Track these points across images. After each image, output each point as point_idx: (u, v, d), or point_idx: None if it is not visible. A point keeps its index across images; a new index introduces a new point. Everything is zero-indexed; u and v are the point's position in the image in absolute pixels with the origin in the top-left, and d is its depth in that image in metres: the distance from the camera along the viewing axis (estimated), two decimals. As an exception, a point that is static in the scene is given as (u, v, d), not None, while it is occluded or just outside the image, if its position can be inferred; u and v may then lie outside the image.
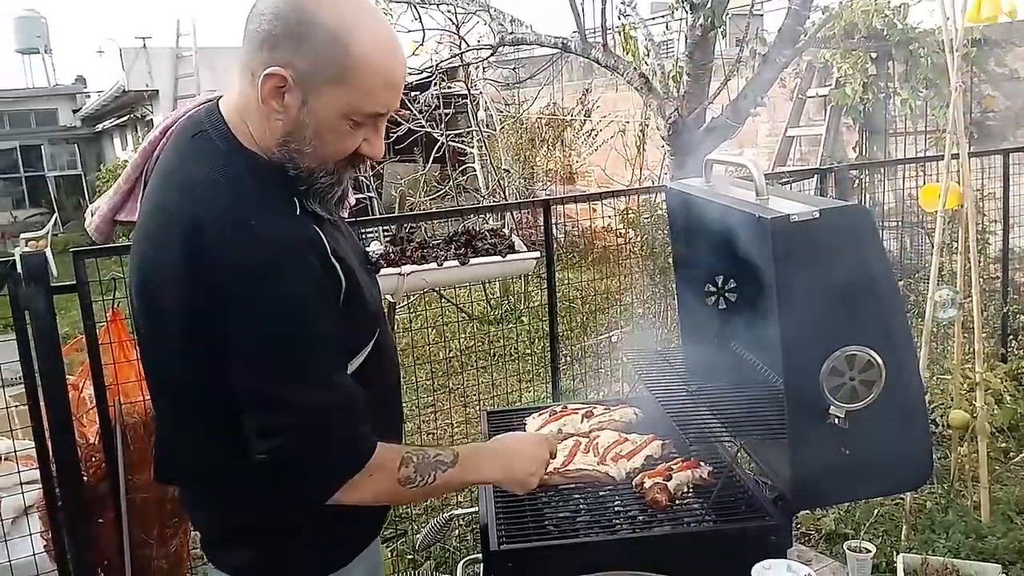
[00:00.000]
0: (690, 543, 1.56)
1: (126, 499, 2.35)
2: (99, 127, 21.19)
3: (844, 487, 1.55)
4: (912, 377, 1.51)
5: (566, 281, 5.57)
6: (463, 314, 7.06)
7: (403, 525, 3.67)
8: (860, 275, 1.47)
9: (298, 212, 1.29)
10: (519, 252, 2.73)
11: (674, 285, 2.29)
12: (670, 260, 2.32)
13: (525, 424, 2.09)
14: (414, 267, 2.50)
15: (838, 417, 1.47)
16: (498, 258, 2.64)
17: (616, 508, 1.72)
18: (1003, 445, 4.18)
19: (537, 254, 2.78)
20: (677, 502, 1.71)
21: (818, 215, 1.43)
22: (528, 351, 6.05)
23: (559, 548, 1.55)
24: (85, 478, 2.44)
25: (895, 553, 3.22)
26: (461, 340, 6.60)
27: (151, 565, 2.45)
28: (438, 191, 8.61)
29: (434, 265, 2.53)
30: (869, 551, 3.28)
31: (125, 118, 18.10)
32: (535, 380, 5.01)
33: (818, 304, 1.47)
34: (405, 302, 6.00)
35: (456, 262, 2.56)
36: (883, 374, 1.47)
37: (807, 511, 3.54)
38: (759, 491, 1.66)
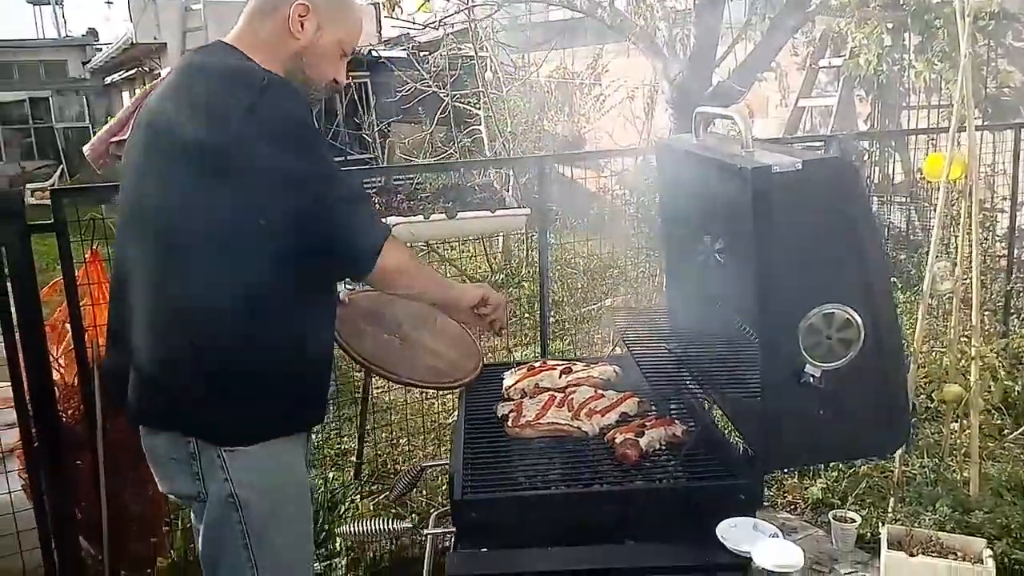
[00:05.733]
0: (657, 500, 1.54)
1: (102, 440, 2.34)
2: (108, 80, 21.06)
3: (817, 448, 1.52)
4: (892, 338, 1.47)
5: (561, 245, 5.54)
6: (464, 276, 7.02)
7: (390, 480, 3.67)
8: (843, 231, 1.42)
9: None
10: (509, 208, 2.68)
11: (662, 245, 2.24)
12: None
13: (503, 378, 2.07)
14: (400, 219, 2.46)
15: (813, 376, 1.43)
16: (487, 213, 2.59)
17: (587, 463, 1.69)
18: (998, 422, 4.14)
19: (527, 210, 2.73)
20: (650, 459, 1.68)
21: (800, 167, 1.38)
22: (527, 314, 6.01)
23: (522, 500, 1.53)
24: (64, 419, 2.43)
25: (880, 524, 3.20)
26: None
27: (128, 508, 2.45)
28: (443, 153, 8.53)
29: (421, 218, 2.49)
30: (854, 521, 3.26)
31: (133, 71, 17.99)
32: (533, 344, 4.98)
33: (798, 260, 1.42)
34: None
35: (444, 215, 2.52)
36: (861, 334, 1.43)
37: (794, 479, 3.52)
38: (731, 450, 1.63)
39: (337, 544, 3.07)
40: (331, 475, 3.70)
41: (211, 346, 1.55)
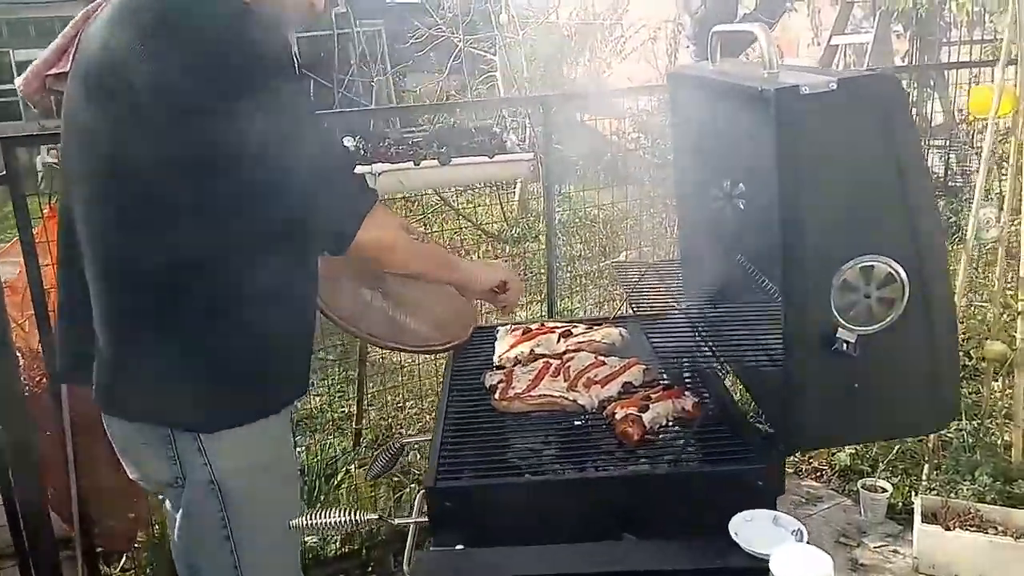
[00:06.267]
0: (660, 487, 1.32)
1: (69, 409, 2.17)
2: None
3: (851, 428, 1.29)
4: (942, 295, 1.22)
5: (582, 194, 5.27)
6: (479, 231, 6.78)
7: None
8: (886, 166, 1.17)
9: None
10: (511, 153, 2.43)
11: (676, 190, 1.99)
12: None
13: (496, 337, 1.85)
14: (387, 166, 2.22)
15: (848, 342, 1.20)
16: (484, 159, 2.34)
17: (583, 442, 1.47)
18: (1043, 381, 3.87)
19: (531, 156, 2.48)
20: (660, 437, 1.46)
21: (835, 86, 1.13)
22: (543, 271, 5.78)
23: (504, 487, 1.32)
24: (30, 387, 2.26)
25: (914, 494, 2.98)
26: (475, 257, 6.34)
27: (102, 482, 2.29)
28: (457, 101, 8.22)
29: (410, 164, 2.25)
30: (885, 490, 3.04)
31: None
32: (545, 301, 4.76)
33: (831, 201, 1.18)
34: (421, 215, 5.77)
35: (436, 162, 2.28)
36: (906, 291, 1.19)
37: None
38: (749, 429, 1.41)
39: (332, 515, 2.91)
40: (333, 440, 3.54)
41: (179, 327, 1.36)
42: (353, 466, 3.06)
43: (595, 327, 1.85)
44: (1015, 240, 3.25)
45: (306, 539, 2.69)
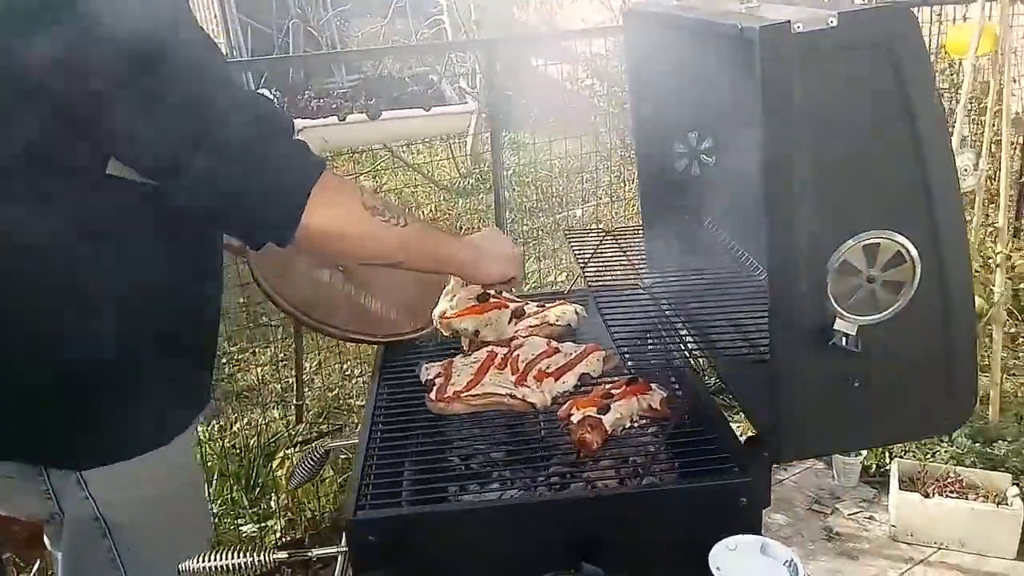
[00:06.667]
0: (624, 506, 1.11)
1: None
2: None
3: (849, 432, 1.09)
4: (960, 276, 1.02)
5: (526, 144, 5.00)
6: (431, 183, 6.49)
7: (340, 419, 3.29)
8: (895, 121, 0.95)
9: None
10: (450, 105, 2.16)
11: (635, 145, 1.76)
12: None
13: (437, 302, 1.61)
14: (308, 122, 1.95)
15: (847, 336, 0.99)
16: (420, 112, 2.07)
17: (533, 453, 1.26)
18: (1012, 330, 3.77)
19: (472, 107, 2.21)
20: (623, 441, 1.26)
21: (835, 23, 0.90)
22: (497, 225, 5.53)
23: (437, 517, 1.10)
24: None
25: (889, 457, 2.86)
26: (426, 211, 6.06)
27: (10, 529, 2.03)
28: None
29: (335, 119, 1.98)
30: (859, 454, 2.91)
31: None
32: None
33: (827, 164, 0.96)
34: (369, 167, 5.46)
35: (364, 116, 2.01)
36: (917, 272, 0.98)
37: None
38: (729, 433, 1.20)
39: (271, 502, 2.70)
40: (275, 414, 3.31)
41: (46, 350, 1.10)
42: (294, 449, 2.82)
43: (549, 304, 1.62)
44: (992, 187, 3.10)
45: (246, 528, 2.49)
